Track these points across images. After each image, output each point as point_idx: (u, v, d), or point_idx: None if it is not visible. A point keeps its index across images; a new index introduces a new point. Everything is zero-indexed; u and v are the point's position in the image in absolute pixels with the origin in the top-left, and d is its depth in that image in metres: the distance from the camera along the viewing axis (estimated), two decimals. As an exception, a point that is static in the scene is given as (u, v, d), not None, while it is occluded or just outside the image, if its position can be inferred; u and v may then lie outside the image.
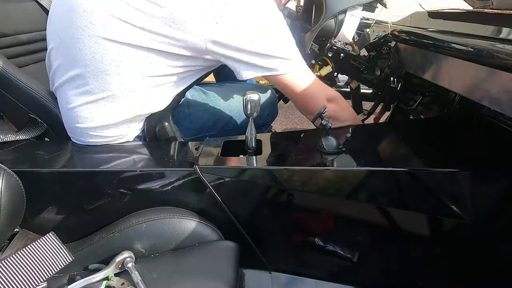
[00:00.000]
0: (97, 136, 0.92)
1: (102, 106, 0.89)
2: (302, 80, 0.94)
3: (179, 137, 1.00)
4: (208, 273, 0.76)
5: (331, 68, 1.17)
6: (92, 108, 0.89)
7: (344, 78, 1.38)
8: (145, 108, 0.92)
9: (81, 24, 0.82)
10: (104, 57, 0.83)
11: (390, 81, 1.21)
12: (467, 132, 0.93)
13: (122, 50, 0.83)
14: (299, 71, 0.93)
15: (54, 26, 0.90)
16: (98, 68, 0.84)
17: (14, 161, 0.84)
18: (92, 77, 0.86)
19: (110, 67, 0.84)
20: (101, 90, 0.87)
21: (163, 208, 0.85)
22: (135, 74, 0.86)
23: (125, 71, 0.85)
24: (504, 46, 0.68)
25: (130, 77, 0.86)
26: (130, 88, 0.87)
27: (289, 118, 2.73)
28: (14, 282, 0.67)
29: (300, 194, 0.84)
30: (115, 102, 0.88)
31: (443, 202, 0.78)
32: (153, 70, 0.86)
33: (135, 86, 0.87)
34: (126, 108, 0.90)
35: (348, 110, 1.05)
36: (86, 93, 0.88)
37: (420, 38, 0.97)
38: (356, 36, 1.19)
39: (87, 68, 0.85)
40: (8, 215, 0.72)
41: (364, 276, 0.92)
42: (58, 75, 0.91)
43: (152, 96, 0.90)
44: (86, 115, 0.89)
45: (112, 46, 0.82)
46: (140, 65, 0.85)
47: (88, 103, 0.89)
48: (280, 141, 0.97)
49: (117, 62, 0.84)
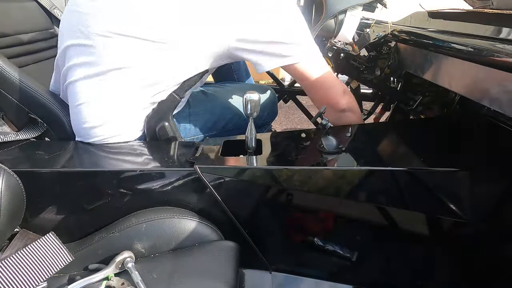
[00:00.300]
0: (103, 133, 0.93)
1: (112, 104, 0.90)
2: (321, 69, 0.94)
3: (179, 137, 1.00)
4: (208, 273, 0.76)
5: (331, 68, 1.17)
6: (102, 106, 0.90)
7: (344, 78, 1.38)
8: (153, 103, 0.94)
9: (103, 21, 0.84)
10: (123, 54, 0.85)
11: (390, 81, 1.21)
12: (467, 132, 0.93)
13: (135, 54, 0.85)
14: (317, 59, 0.94)
15: (74, 21, 0.90)
16: (116, 66, 0.86)
17: (14, 161, 0.84)
18: (108, 74, 0.87)
19: (130, 64, 0.86)
20: (114, 88, 0.88)
21: (163, 208, 0.85)
22: (155, 73, 0.88)
23: (136, 73, 0.87)
24: (504, 46, 0.68)
25: (149, 76, 0.88)
26: (144, 85, 0.89)
27: (289, 118, 2.74)
28: (14, 282, 0.67)
29: (300, 194, 0.84)
30: (128, 99, 0.90)
31: (443, 201, 0.78)
32: (171, 70, 0.88)
33: (150, 84, 0.89)
34: (137, 105, 0.91)
35: (356, 102, 1.07)
36: (99, 90, 0.89)
37: (420, 38, 0.97)
38: (356, 36, 1.19)
39: (106, 66, 0.86)
40: (8, 215, 0.72)
41: (364, 276, 0.92)
42: (73, 71, 0.91)
43: (162, 94, 0.92)
44: (96, 112, 0.90)
45: (133, 44, 0.84)
46: (162, 64, 0.86)
47: (99, 100, 0.90)
48: (280, 141, 0.97)
49: (128, 66, 0.86)
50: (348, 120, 1.01)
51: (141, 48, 0.85)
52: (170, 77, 0.90)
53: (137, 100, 0.91)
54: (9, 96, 0.95)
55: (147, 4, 0.83)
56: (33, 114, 0.97)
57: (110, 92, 0.89)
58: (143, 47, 0.85)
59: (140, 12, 0.83)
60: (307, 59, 0.92)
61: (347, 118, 1.01)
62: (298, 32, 0.90)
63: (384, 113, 1.51)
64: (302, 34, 0.91)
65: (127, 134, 0.95)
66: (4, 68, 0.93)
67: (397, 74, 1.18)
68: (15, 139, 0.94)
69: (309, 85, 0.98)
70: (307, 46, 0.92)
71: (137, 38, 0.84)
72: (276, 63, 0.90)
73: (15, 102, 0.95)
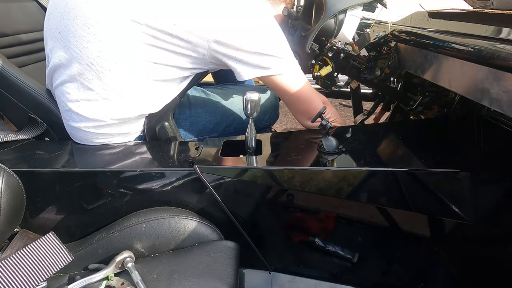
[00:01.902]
0: (98, 135, 0.92)
1: (103, 105, 0.89)
2: (298, 81, 0.96)
3: (179, 137, 1.00)
4: (208, 273, 0.76)
5: (331, 68, 1.17)
6: (93, 107, 0.89)
7: (344, 78, 1.38)
8: (146, 107, 0.92)
9: (86, 22, 0.83)
10: (108, 55, 0.84)
11: (390, 81, 1.21)
12: (467, 132, 0.93)
13: (126, 49, 0.83)
14: (295, 72, 0.96)
15: (54, 23, 0.89)
16: (102, 67, 0.85)
17: (14, 161, 0.84)
18: (94, 76, 0.86)
19: (114, 66, 0.85)
20: (102, 89, 0.87)
21: (163, 208, 0.85)
22: (138, 73, 0.86)
23: (128, 70, 0.85)
24: (504, 46, 0.68)
25: (133, 77, 0.86)
26: (133, 87, 0.87)
27: (289, 118, 2.73)
28: (14, 282, 0.67)
29: (300, 194, 0.84)
30: (117, 101, 0.88)
31: (443, 202, 0.78)
32: (156, 69, 0.87)
33: (137, 85, 0.87)
34: (128, 107, 0.90)
35: (336, 112, 1.09)
36: (87, 92, 0.88)
37: (420, 38, 0.97)
38: (356, 36, 1.19)
39: (91, 67, 0.85)
40: (8, 215, 0.72)
41: (364, 276, 0.92)
42: (58, 74, 0.91)
43: (153, 95, 0.91)
44: (87, 114, 0.89)
45: (117, 45, 0.83)
46: (144, 64, 0.85)
47: (88, 101, 0.89)
48: (280, 141, 0.97)
49: (121, 61, 0.84)
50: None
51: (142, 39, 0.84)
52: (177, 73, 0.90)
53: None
54: (9, 96, 0.95)
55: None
56: (33, 114, 0.97)
57: (102, 96, 0.88)
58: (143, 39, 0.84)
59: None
60: (287, 73, 0.93)
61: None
62: (278, 45, 0.91)
63: (384, 113, 1.51)
64: (281, 48, 0.91)
65: (118, 135, 0.95)
66: (4, 68, 0.93)
67: (397, 74, 1.18)
68: (15, 139, 0.94)
69: (289, 99, 0.99)
70: (287, 59, 0.93)
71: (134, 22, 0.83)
72: (255, 73, 0.90)
73: (15, 102, 0.95)
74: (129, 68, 0.85)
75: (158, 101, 0.93)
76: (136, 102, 0.90)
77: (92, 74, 0.86)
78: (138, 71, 0.86)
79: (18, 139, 0.95)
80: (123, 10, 0.81)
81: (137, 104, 0.90)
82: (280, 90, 0.97)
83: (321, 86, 1.22)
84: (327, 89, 1.22)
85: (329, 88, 1.22)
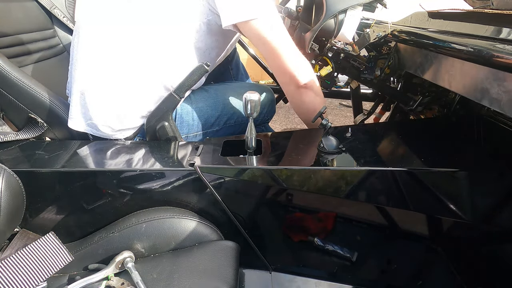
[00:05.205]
0: (110, 126, 0.97)
1: (123, 93, 0.95)
2: (281, 35, 0.94)
3: (179, 137, 1.00)
4: (208, 273, 0.76)
5: (331, 68, 1.17)
6: (111, 95, 0.95)
7: (344, 78, 1.38)
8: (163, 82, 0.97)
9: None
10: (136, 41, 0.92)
11: (390, 81, 1.21)
12: (467, 132, 0.93)
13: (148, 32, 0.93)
14: (278, 23, 0.94)
15: (85, 7, 0.97)
16: (126, 52, 0.92)
17: (14, 161, 0.84)
18: (118, 61, 0.93)
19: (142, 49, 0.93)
20: (125, 74, 0.94)
21: (163, 208, 0.85)
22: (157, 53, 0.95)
23: (148, 51, 0.94)
24: (504, 46, 0.68)
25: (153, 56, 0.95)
26: (152, 67, 0.95)
27: (289, 118, 2.74)
28: (14, 282, 0.67)
29: (300, 194, 0.84)
30: (139, 86, 0.95)
31: (442, 202, 0.78)
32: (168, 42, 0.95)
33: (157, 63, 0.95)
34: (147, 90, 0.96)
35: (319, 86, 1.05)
36: (109, 78, 0.94)
37: (420, 38, 0.97)
38: (356, 36, 1.19)
39: (117, 53, 0.93)
40: (8, 215, 0.72)
41: (364, 276, 0.92)
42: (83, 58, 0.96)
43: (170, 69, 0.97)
44: (107, 102, 0.95)
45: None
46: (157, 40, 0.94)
47: (108, 88, 0.95)
48: (280, 141, 0.97)
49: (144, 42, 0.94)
50: (309, 99, 0.99)
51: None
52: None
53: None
54: (9, 96, 0.95)
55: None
56: (33, 114, 0.97)
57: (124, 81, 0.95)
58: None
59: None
60: (266, 18, 0.91)
61: (308, 98, 0.99)
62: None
63: (384, 113, 1.51)
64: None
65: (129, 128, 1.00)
66: (4, 68, 0.93)
67: (397, 74, 1.18)
68: (15, 139, 0.95)
69: (268, 50, 0.95)
70: (267, 6, 0.92)
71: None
72: (234, 18, 0.91)
73: (15, 102, 0.95)
74: (148, 49, 0.94)
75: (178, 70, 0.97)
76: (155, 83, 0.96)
77: (116, 60, 0.94)
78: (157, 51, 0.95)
79: (18, 139, 0.95)
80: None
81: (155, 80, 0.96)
82: (258, 39, 0.94)
83: (321, 86, 1.22)
84: (327, 89, 1.22)
85: (329, 88, 1.22)
